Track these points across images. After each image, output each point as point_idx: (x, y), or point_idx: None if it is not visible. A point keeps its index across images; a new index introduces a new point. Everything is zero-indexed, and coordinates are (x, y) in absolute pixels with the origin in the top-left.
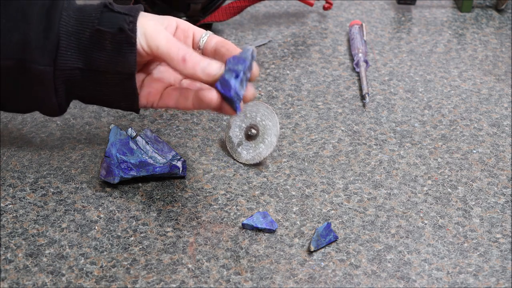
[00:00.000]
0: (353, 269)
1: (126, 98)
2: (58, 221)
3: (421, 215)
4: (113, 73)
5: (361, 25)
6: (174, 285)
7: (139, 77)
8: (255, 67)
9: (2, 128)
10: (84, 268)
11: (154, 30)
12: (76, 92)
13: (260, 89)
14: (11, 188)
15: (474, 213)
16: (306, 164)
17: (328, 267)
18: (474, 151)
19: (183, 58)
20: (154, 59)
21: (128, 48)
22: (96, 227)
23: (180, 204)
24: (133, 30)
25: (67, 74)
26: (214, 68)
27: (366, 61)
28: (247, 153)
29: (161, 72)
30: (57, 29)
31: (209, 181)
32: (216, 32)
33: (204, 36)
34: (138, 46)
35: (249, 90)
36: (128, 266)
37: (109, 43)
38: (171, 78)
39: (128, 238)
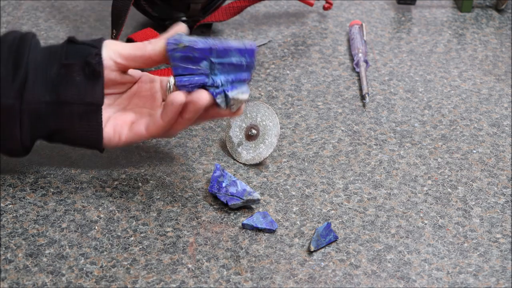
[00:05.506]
0: (353, 269)
1: (90, 133)
2: (58, 221)
3: (421, 215)
4: (80, 104)
5: (361, 25)
6: (174, 285)
7: (105, 113)
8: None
9: None
10: (84, 268)
11: (119, 42)
12: (41, 129)
13: (260, 89)
14: (11, 188)
15: (474, 213)
16: (306, 164)
17: (328, 267)
18: (474, 151)
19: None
20: (123, 67)
21: (96, 79)
22: (96, 227)
23: (180, 204)
24: (99, 62)
25: (33, 108)
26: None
27: (366, 61)
28: (247, 153)
29: (134, 103)
30: (25, 65)
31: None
32: (216, 32)
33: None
34: (108, 61)
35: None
36: (128, 266)
37: (77, 75)
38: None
39: (128, 238)
